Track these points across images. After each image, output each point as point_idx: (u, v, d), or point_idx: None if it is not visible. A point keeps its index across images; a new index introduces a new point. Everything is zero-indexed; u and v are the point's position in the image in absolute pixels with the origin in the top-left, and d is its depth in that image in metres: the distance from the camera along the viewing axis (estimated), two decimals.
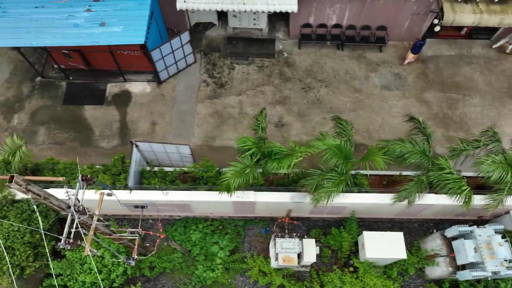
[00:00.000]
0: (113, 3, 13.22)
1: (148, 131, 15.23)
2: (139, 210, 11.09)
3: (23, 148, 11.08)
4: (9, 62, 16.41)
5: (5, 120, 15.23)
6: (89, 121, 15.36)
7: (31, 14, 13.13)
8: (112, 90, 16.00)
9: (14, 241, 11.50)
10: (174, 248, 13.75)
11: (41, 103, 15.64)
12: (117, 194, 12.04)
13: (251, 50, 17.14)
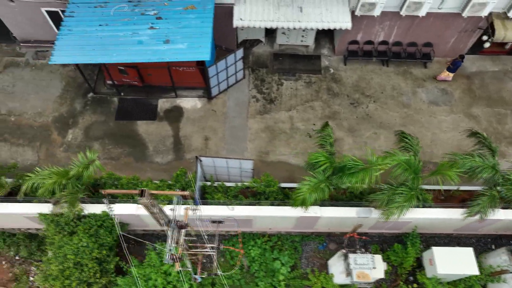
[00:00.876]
0: (175, 20, 13.51)
1: (202, 147, 15.32)
2: (210, 225, 11.12)
3: (97, 162, 11.14)
4: (61, 79, 16.65)
5: (59, 136, 15.35)
6: (142, 137, 15.47)
7: (96, 32, 13.41)
8: (163, 106, 16.18)
9: (83, 256, 11.45)
10: (233, 264, 13.66)
11: (94, 118, 15.80)
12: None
13: (297, 66, 17.39)
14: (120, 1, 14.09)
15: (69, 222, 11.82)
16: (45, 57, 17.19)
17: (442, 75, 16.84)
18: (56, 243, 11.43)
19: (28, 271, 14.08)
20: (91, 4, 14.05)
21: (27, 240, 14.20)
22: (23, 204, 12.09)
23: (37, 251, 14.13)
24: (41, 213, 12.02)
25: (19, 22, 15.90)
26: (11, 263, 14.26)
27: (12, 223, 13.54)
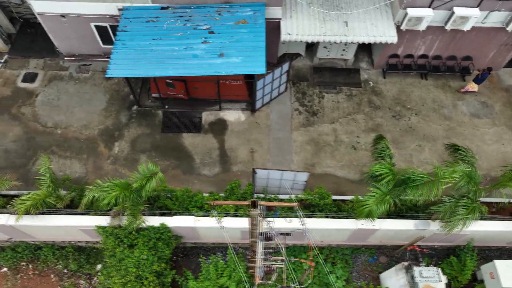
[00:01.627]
0: (228, 35, 13.73)
1: (248, 159, 15.36)
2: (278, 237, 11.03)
3: (160, 174, 11.17)
4: (104, 92, 16.82)
5: (106, 149, 15.42)
6: (188, 149, 15.53)
7: (150, 46, 13.62)
8: (207, 118, 16.29)
9: (143, 269, 11.38)
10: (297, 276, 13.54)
11: (140, 131, 15.89)
12: (241, 221, 12.20)
13: (337, 80, 17.57)
14: (171, 16, 14.38)
15: (128, 235, 11.81)
16: (88, 70, 17.42)
17: (468, 86, 16.96)
18: (118, 255, 11.38)
19: (77, 284, 13.95)
20: (143, 19, 14.32)
21: (76, 253, 14.13)
22: (81, 217, 12.09)
23: (86, 264, 14.05)
24: (99, 226, 12.04)
25: (67, 37, 16.16)
26: (59, 276, 14.12)
27: (64, 236, 13.50)
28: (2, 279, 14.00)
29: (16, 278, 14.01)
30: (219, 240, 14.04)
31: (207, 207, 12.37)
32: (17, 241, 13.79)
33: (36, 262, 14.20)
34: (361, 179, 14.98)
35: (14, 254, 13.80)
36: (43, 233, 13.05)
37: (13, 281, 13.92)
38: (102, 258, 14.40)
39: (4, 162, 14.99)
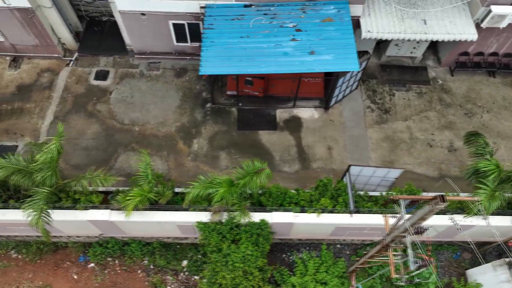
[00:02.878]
0: (315, 33, 13.81)
1: (326, 156, 15.46)
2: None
3: (267, 170, 11.26)
4: (177, 90, 16.93)
5: (185, 146, 15.53)
6: (266, 146, 15.65)
7: (238, 44, 13.71)
8: (281, 116, 16.39)
9: (249, 265, 11.51)
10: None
11: (216, 128, 16.00)
12: (338, 217, 12.30)
13: (405, 77, 17.63)
14: (255, 14, 14.46)
15: (230, 230, 11.92)
16: (158, 68, 17.52)
17: None
18: (224, 250, 11.48)
19: (164, 280, 14.08)
20: (228, 17, 14.41)
21: (163, 249, 14.27)
22: (182, 213, 12.20)
23: (173, 260, 14.18)
24: (200, 222, 12.16)
25: (142, 35, 16.25)
26: (146, 272, 14.26)
27: (156, 232, 13.61)
28: (91, 274, 14.13)
29: (104, 273, 14.16)
30: (306, 236, 14.17)
31: (303, 203, 12.47)
32: (107, 237, 13.94)
33: (122, 258, 14.37)
34: (440, 176, 15.15)
35: (103, 249, 13.96)
36: (137, 229, 13.16)
37: (102, 276, 14.08)
38: (187, 254, 14.58)
39: (86, 159, 15.12)
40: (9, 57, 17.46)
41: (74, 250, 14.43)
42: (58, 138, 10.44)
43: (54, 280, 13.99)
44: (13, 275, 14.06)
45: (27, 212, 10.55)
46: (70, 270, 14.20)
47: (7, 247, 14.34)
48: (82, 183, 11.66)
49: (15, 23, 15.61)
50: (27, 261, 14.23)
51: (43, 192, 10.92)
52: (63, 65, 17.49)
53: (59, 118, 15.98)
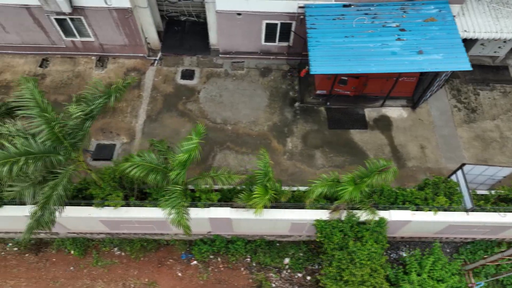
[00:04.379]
0: (420, 32, 13.91)
1: (420, 155, 15.56)
2: None
3: (394, 168, 11.34)
4: (263, 89, 17.06)
5: (280, 144, 15.66)
6: (359, 145, 15.76)
7: (344, 43, 13.83)
8: (370, 115, 16.50)
9: (374, 262, 11.64)
10: None
11: (308, 127, 16.12)
12: (454, 215, 12.39)
13: (487, 77, 17.70)
14: (355, 13, 14.56)
15: (350, 228, 12.06)
16: (242, 67, 17.66)
17: None
18: (350, 248, 11.61)
19: (268, 277, 14.22)
20: (329, 17, 14.52)
21: (266, 247, 14.41)
22: (301, 211, 12.33)
23: (276, 257, 14.32)
24: (319, 220, 12.29)
25: (232, 34, 16.39)
26: (249, 270, 14.41)
27: (265, 230, 13.75)
28: (195, 272, 14.28)
29: (207, 271, 14.31)
30: (410, 235, 14.27)
31: (418, 201, 12.57)
32: (213, 235, 14.08)
33: (225, 255, 14.51)
34: None
35: (209, 247, 14.11)
36: (247, 226, 13.30)
37: (206, 274, 14.23)
38: (288, 252, 14.71)
39: None
40: (95, 56, 17.68)
41: (176, 248, 14.61)
42: (198, 137, 10.55)
43: (159, 277, 14.15)
44: (118, 272, 14.23)
45: (167, 210, 10.71)
46: (173, 267, 14.36)
47: (111, 245, 14.54)
48: (207, 181, 11.81)
49: (110, 23, 15.77)
50: (131, 258, 14.41)
51: (178, 190, 11.09)
52: (148, 64, 17.66)
53: (151, 117, 16.15)
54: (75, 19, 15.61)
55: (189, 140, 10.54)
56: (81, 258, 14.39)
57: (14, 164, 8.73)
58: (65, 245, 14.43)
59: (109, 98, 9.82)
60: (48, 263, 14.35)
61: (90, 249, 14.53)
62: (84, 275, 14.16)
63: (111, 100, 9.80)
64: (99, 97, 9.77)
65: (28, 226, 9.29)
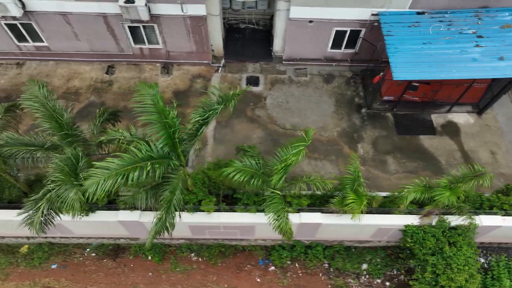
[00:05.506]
0: (498, 39, 14.05)
1: (491, 161, 15.59)
2: None
3: (491, 174, 11.42)
4: (329, 95, 17.21)
5: (351, 150, 15.73)
6: (430, 150, 15.82)
7: (422, 50, 13.98)
8: (437, 121, 16.59)
9: (470, 267, 11.65)
10: None
11: (376, 133, 16.22)
12: None
13: None
14: (430, 21, 14.73)
15: (442, 233, 12.11)
16: (305, 74, 17.83)
17: None
18: (447, 253, 11.64)
19: (347, 283, 14.22)
20: (404, 24, 14.70)
21: (344, 252, 14.43)
22: (391, 216, 12.41)
23: (355, 263, 14.33)
24: (409, 225, 12.34)
25: (299, 41, 16.58)
26: (327, 275, 14.43)
27: (343, 235, 13.81)
28: (274, 277, 14.29)
29: (286, 276, 14.33)
30: (490, 240, 14.28)
31: (506, 206, 12.60)
32: (293, 241, 14.12)
33: (302, 261, 14.53)
34: None
35: (288, 253, 14.15)
36: (331, 231, 13.33)
37: (285, 279, 14.23)
38: (365, 257, 14.73)
39: None
40: (159, 63, 17.89)
41: (253, 254, 14.65)
42: (306, 142, 10.64)
43: (239, 283, 14.16)
44: (197, 278, 14.26)
45: (271, 215, 10.78)
46: (252, 273, 14.38)
47: (188, 250, 14.58)
48: (302, 186, 11.89)
49: (182, 31, 16.01)
50: (209, 264, 14.44)
51: (278, 195, 11.17)
52: (212, 71, 17.87)
53: (221, 123, 16.30)
54: (148, 26, 15.87)
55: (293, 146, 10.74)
56: (158, 264, 14.48)
57: (142, 169, 8.87)
58: (142, 250, 14.53)
59: (225, 104, 9.94)
60: (127, 268, 14.42)
61: (168, 254, 14.60)
62: (163, 281, 14.20)
63: (231, 106, 9.89)
64: (216, 103, 9.89)
65: (153, 230, 9.37)
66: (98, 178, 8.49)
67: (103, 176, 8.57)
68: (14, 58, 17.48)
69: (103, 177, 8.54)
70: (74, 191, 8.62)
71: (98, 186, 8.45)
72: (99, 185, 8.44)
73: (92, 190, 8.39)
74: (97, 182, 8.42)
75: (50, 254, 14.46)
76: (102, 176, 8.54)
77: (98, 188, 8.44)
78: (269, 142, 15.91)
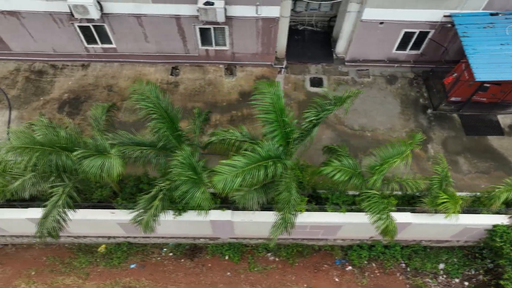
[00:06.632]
0: None
1: None
2: None
3: None
4: (394, 96, 17.31)
5: (421, 151, 15.79)
6: (500, 151, 15.88)
7: (501, 51, 14.06)
8: (504, 121, 16.66)
9: None
10: None
11: (444, 134, 16.30)
12: None
13: None
14: (505, 22, 14.78)
15: None
16: (368, 75, 17.95)
17: None
18: None
19: (426, 282, 14.27)
20: (479, 25, 14.80)
21: (421, 252, 14.50)
22: (483, 216, 12.51)
23: (434, 262, 14.40)
24: (499, 225, 12.41)
25: (368, 43, 16.69)
26: (404, 275, 14.49)
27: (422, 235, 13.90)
28: (352, 277, 14.37)
29: (364, 276, 14.40)
30: None
31: None
32: (372, 240, 14.21)
33: (379, 260, 14.60)
34: None
35: (367, 253, 14.22)
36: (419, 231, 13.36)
37: (363, 279, 14.30)
38: (441, 257, 14.77)
39: None
40: (223, 65, 18.02)
41: (329, 253, 14.73)
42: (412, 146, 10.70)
43: (317, 283, 14.24)
44: (276, 277, 14.33)
45: (374, 216, 10.86)
46: (329, 272, 14.46)
47: (264, 250, 14.66)
48: (393, 186, 11.98)
49: (252, 33, 16.14)
50: (287, 263, 14.53)
51: (376, 195, 11.26)
52: (275, 72, 17.99)
53: None
54: (219, 28, 16.01)
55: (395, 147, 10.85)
56: (236, 264, 14.57)
57: (266, 167, 8.97)
58: (220, 250, 14.62)
59: (339, 105, 10.05)
60: (205, 268, 14.52)
61: (245, 254, 14.70)
62: (242, 281, 14.28)
63: (346, 108, 10.01)
64: (330, 104, 10.01)
65: (275, 229, 9.47)
66: (226, 175, 8.62)
67: (231, 173, 8.70)
68: (80, 60, 17.65)
69: (231, 174, 8.67)
70: (201, 190, 8.72)
71: (226, 183, 8.58)
72: (227, 182, 8.57)
73: (220, 186, 8.51)
74: (225, 179, 8.55)
75: (128, 254, 14.59)
76: (230, 174, 8.67)
77: (226, 185, 8.56)
78: (340, 143, 15.98)
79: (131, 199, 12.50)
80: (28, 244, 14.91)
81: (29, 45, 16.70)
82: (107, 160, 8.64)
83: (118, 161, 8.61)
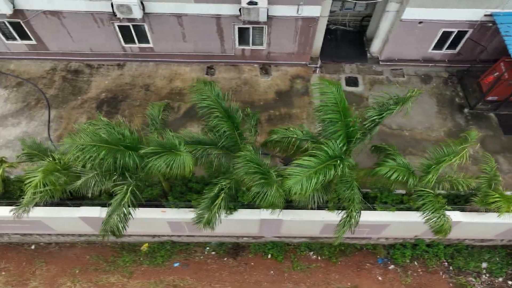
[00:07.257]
0: None
1: None
2: None
3: None
4: (429, 96, 17.33)
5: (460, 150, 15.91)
6: None
7: None
8: None
9: None
10: None
11: (482, 133, 16.30)
12: None
13: None
14: None
15: None
16: (402, 75, 17.98)
17: None
18: None
19: (469, 281, 14.31)
20: None
21: (464, 251, 14.54)
22: None
23: (477, 261, 14.45)
24: None
25: (405, 42, 16.71)
26: (447, 274, 14.53)
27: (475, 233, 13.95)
28: (395, 276, 14.41)
29: (407, 275, 14.45)
30: None
31: None
32: (416, 239, 14.25)
33: (421, 259, 14.64)
34: None
35: (411, 251, 14.25)
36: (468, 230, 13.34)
37: (407, 278, 14.33)
38: (484, 256, 14.80)
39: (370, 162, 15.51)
40: (257, 64, 18.07)
41: (371, 252, 14.78)
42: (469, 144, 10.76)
43: (360, 282, 14.28)
44: (319, 276, 14.38)
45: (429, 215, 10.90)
46: (372, 271, 14.50)
47: (307, 249, 14.70)
48: (444, 185, 12.03)
49: (290, 32, 16.17)
50: (330, 262, 14.58)
51: (431, 194, 11.30)
52: (310, 72, 18.03)
53: None
54: (257, 28, 16.06)
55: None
56: (279, 263, 14.61)
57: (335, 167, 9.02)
58: (263, 249, 14.67)
59: (402, 105, 10.10)
60: (248, 267, 14.58)
61: (288, 253, 14.75)
62: (286, 279, 14.33)
63: (408, 107, 10.06)
64: (393, 104, 10.05)
65: (340, 227, 9.53)
66: (300, 176, 8.66)
67: (304, 174, 8.74)
68: (116, 59, 17.72)
69: (304, 175, 8.71)
70: (274, 189, 8.76)
71: (302, 185, 8.62)
72: (303, 184, 8.61)
73: (298, 189, 8.55)
74: (300, 180, 8.60)
75: (172, 253, 14.64)
76: (303, 175, 8.71)
77: (302, 186, 8.61)
78: (379, 142, 16.03)
79: (181, 197, 12.58)
80: (71, 243, 14.99)
81: (67, 45, 16.76)
82: (178, 157, 8.70)
83: (190, 158, 8.66)
